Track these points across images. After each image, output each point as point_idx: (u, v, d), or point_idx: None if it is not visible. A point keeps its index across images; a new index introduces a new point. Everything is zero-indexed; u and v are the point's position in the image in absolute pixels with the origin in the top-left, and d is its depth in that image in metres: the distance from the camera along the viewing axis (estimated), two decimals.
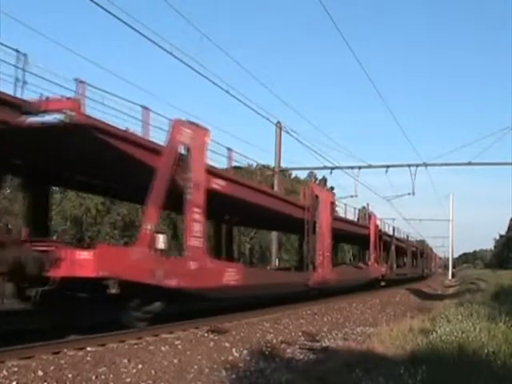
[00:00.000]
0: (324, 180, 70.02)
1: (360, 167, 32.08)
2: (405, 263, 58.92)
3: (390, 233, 47.45)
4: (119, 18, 11.73)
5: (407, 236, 58.69)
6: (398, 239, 50.81)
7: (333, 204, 29.36)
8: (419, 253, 68.97)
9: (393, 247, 46.77)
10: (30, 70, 11.75)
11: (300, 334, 16.22)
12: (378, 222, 41.30)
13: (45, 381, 8.86)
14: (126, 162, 13.84)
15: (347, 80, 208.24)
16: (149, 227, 14.00)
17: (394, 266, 47.71)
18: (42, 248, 12.06)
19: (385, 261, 44.36)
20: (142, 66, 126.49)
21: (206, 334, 13.85)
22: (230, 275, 17.43)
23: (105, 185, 18.92)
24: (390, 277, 43.35)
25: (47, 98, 11.89)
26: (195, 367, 10.89)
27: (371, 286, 38.11)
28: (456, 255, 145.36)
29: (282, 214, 23.58)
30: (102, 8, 11.12)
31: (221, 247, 26.39)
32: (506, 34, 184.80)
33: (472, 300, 20.18)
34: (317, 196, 26.18)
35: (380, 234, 41.04)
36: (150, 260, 13.75)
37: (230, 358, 11.99)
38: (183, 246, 15.73)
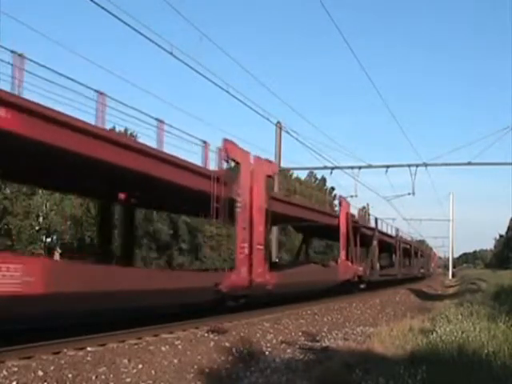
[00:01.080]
0: (324, 180, 70.20)
1: (360, 167, 32.06)
2: (394, 262, 51.35)
3: (372, 225, 39.88)
4: (119, 18, 11.72)
5: (397, 230, 50.73)
6: (382, 233, 42.76)
7: (270, 178, 21.69)
8: (413, 251, 60.94)
9: (375, 242, 38.34)
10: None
11: (300, 334, 16.24)
12: (353, 211, 33.60)
13: (45, 381, 8.87)
14: None
15: (347, 80, 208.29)
16: None
17: (377, 264, 40.10)
18: None
19: (369, 259, 37.93)
20: (141, 66, 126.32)
21: (206, 334, 13.84)
22: (4, 277, 10.05)
23: None
24: (372, 278, 36.18)
25: None
26: (195, 367, 10.90)
27: (347, 289, 31.23)
28: (456, 255, 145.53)
29: (178, 187, 16.16)
30: (102, 8, 11.13)
31: (110, 235, 19.73)
32: (505, 34, 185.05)
33: (472, 300, 20.18)
34: (237, 162, 18.32)
35: (356, 226, 33.32)
36: None
37: (230, 357, 12.00)
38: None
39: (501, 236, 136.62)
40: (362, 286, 34.57)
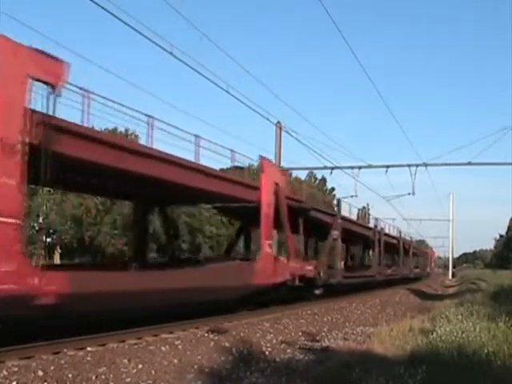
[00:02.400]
0: (324, 180, 70.17)
1: (360, 167, 31.97)
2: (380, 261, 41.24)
3: (331, 209, 31.14)
4: (119, 18, 11.70)
5: (376, 220, 41.88)
6: (350, 221, 33.76)
7: (52, 88, 11.10)
8: (402, 247, 51.43)
9: (335, 232, 28.62)
10: None
11: (300, 334, 16.23)
12: (283, 180, 22.60)
13: (45, 381, 8.88)
14: None
15: (348, 80, 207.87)
16: None
17: (341, 263, 30.25)
18: None
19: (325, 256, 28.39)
20: (142, 66, 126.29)
21: (206, 334, 13.85)
22: None
23: None
24: (331, 280, 26.98)
25: None
26: (195, 367, 10.90)
27: (287, 298, 22.75)
28: (456, 255, 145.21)
29: None
30: (102, 8, 11.11)
31: None
32: (505, 34, 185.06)
33: (472, 300, 20.18)
34: None
35: (297, 207, 23.97)
36: None
37: (230, 358, 11.99)
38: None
39: (501, 236, 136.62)
40: (318, 292, 25.84)
